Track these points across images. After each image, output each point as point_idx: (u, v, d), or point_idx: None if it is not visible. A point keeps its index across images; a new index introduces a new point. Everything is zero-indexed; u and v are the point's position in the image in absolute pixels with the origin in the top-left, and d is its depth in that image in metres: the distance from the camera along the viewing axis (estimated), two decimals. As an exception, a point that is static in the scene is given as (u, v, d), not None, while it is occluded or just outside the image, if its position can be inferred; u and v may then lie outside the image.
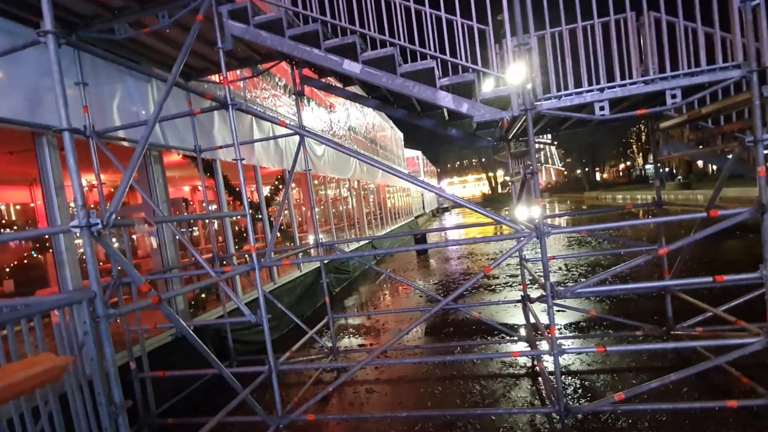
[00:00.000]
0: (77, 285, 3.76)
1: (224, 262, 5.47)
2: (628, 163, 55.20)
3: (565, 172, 64.62)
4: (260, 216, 6.95)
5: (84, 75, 3.93)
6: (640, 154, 48.94)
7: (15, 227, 7.67)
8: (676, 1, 3.10)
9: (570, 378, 4.19)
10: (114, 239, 8.29)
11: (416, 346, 5.53)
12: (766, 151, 3.07)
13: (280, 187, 8.06)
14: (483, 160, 61.42)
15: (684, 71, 3.09)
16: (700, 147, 4.62)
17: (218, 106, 3.58)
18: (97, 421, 2.46)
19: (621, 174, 58.01)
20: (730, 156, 3.47)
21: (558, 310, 5.87)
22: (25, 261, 7.11)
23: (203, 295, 5.80)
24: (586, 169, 52.51)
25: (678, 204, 18.48)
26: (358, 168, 13.01)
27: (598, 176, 56.87)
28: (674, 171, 38.03)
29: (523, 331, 5.49)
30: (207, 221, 7.32)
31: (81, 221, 2.34)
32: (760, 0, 2.80)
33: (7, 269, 6.88)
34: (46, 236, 5.66)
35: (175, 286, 4.95)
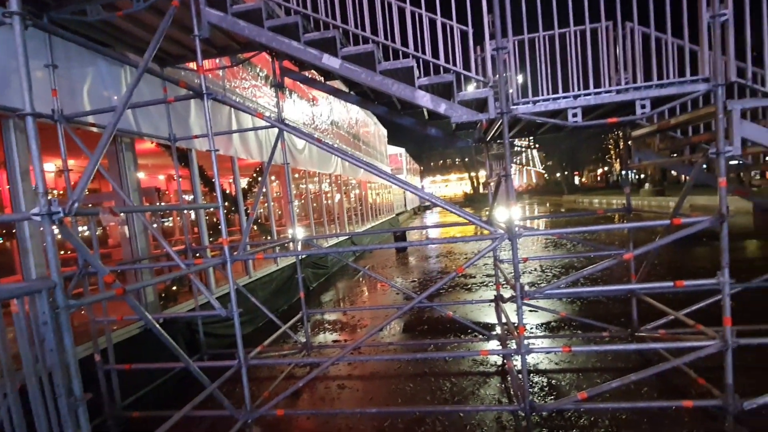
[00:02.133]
0: (42, 273, 3.64)
1: (197, 254, 5.38)
2: (606, 168, 56.60)
3: (546, 175, 65.82)
4: (234, 209, 6.85)
5: (54, 57, 3.78)
6: (618, 160, 50.22)
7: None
8: (649, 14, 3.19)
9: (538, 376, 4.29)
10: (85, 227, 8.04)
11: (390, 342, 5.56)
12: (732, 162, 3.20)
13: (259, 179, 7.96)
14: (466, 159, 62.05)
15: (655, 82, 3.18)
16: (674, 155, 4.78)
17: (193, 94, 3.50)
18: (57, 414, 2.40)
19: (599, 179, 59.47)
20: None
21: (530, 310, 6.00)
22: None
23: (174, 287, 5.69)
24: (566, 173, 53.62)
25: (650, 210, 19.08)
26: (339, 163, 12.95)
27: (577, 180, 58.19)
28: (648, 178, 39.18)
29: (497, 330, 5.59)
30: (182, 212, 7.18)
31: (42, 209, 2.27)
32: (729, 16, 2.90)
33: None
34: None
35: (146, 278, 4.84)
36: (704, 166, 3.51)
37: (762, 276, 4.56)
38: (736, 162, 4.51)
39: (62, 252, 6.51)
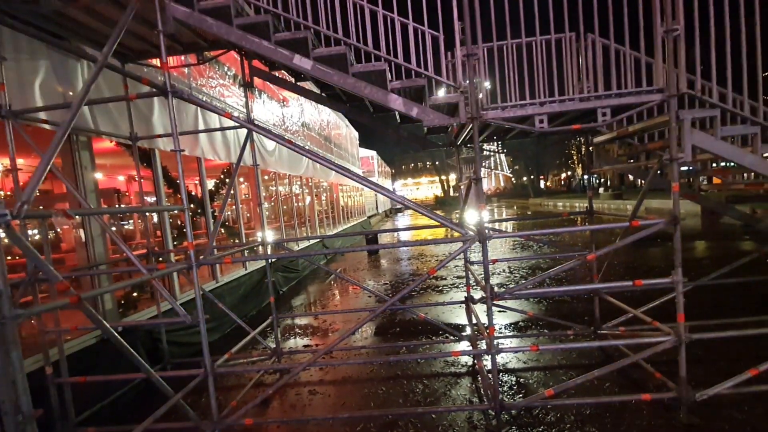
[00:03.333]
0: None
1: (160, 259, 5.15)
2: (569, 173, 58.89)
3: (513, 179, 67.79)
4: (200, 211, 6.63)
5: (3, 48, 3.54)
6: (580, 165, 52.38)
7: None
8: (609, 27, 3.34)
9: (507, 375, 4.38)
10: (36, 230, 7.54)
11: (362, 346, 5.53)
12: (683, 168, 3.40)
13: (227, 180, 7.74)
14: (437, 163, 63.02)
15: (614, 92, 3.34)
16: (631, 161, 5.03)
17: (157, 92, 3.36)
18: (2, 433, 2.23)
19: (562, 183, 61.82)
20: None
21: (499, 311, 6.13)
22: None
23: (135, 294, 5.42)
24: (532, 177, 55.44)
25: (609, 213, 20.01)
26: (310, 165, 12.79)
27: (542, 184, 60.28)
28: (608, 182, 41.14)
29: (467, 331, 5.67)
30: (144, 215, 6.86)
31: (-13, 211, 2.10)
32: (680, 31, 3.09)
33: None
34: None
35: (103, 284, 4.59)
36: (659, 171, 3.72)
37: (710, 275, 4.88)
38: (686, 168, 4.80)
39: (9, 257, 6.08)
